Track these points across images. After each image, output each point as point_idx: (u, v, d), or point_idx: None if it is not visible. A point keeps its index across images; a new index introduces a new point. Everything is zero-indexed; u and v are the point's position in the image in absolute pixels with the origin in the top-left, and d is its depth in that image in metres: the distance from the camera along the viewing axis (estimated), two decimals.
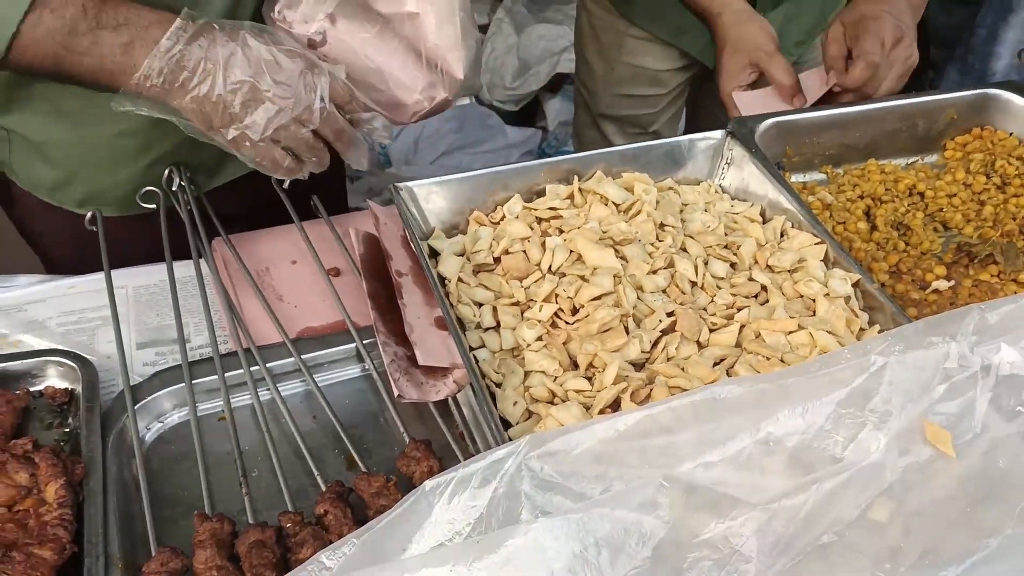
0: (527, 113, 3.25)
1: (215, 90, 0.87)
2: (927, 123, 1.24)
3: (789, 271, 0.94)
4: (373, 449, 0.90)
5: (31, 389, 0.90)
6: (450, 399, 0.91)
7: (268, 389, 0.92)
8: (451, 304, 0.92)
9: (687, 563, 0.65)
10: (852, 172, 1.20)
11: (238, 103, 0.88)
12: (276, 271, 1.06)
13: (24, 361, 0.90)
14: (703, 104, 1.71)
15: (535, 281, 0.93)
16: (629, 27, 1.46)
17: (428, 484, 0.70)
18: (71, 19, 0.84)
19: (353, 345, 0.97)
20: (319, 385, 0.92)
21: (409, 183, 1.00)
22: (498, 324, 0.91)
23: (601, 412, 0.79)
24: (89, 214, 1.07)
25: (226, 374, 0.91)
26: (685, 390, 0.79)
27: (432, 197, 1.02)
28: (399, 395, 0.88)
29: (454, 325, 0.85)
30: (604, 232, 0.96)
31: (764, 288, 0.92)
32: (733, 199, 1.08)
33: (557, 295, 0.89)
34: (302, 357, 0.94)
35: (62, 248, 1.12)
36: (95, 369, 0.89)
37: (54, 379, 0.90)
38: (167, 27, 0.86)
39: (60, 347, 0.94)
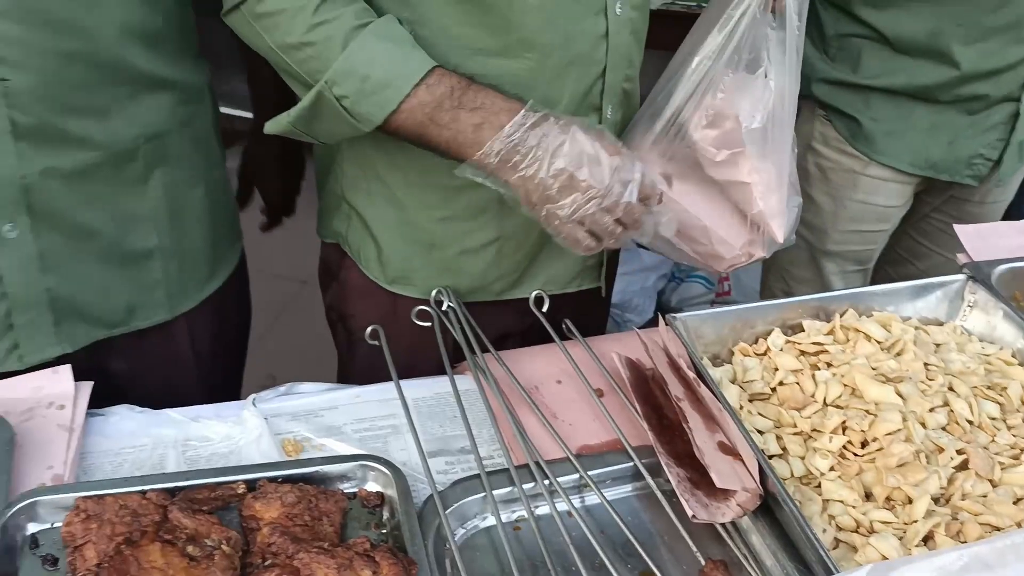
0: None
1: (539, 174, 1.00)
2: None
3: None
4: (662, 566, 0.94)
5: (345, 490, 0.97)
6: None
7: (554, 502, 0.98)
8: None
9: None
10: None
11: (555, 188, 1.00)
12: (545, 389, 1.13)
13: (341, 465, 0.97)
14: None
15: (815, 412, 0.98)
16: (867, 166, 1.53)
17: None
18: (440, 96, 0.99)
19: (629, 464, 1.03)
20: (609, 501, 0.98)
21: (682, 315, 1.08)
22: (783, 451, 0.96)
23: (916, 545, 0.82)
24: (370, 329, 1.16)
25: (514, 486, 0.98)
26: (995, 526, 0.83)
27: (700, 328, 1.09)
28: (693, 515, 0.93)
29: (758, 450, 0.91)
30: (874, 368, 1.02)
31: None
32: (980, 341, 1.13)
33: (846, 427, 0.94)
34: (589, 473, 1.00)
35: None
36: (405, 476, 0.97)
37: (368, 483, 0.97)
38: (513, 116, 1.00)
39: (362, 452, 1.02)
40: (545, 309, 1.20)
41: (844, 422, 0.95)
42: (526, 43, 1.06)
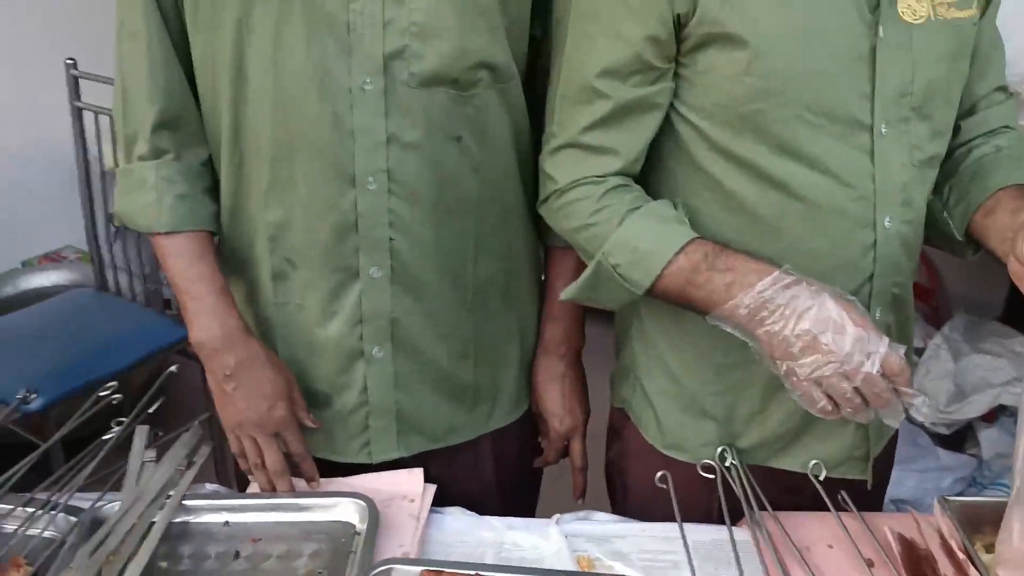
0: (956, 438, 3.22)
1: (784, 331, 1.08)
2: None
3: None
4: None
5: None
6: None
7: None
8: None
9: None
10: None
11: (798, 347, 1.08)
12: (816, 551, 1.22)
13: None
14: None
15: None
16: None
17: None
18: (696, 261, 1.14)
19: None
20: None
21: (958, 498, 1.15)
22: None
23: None
24: (660, 474, 1.33)
25: None
26: None
27: (975, 513, 1.14)
28: None
29: None
30: None
31: None
32: None
33: None
34: None
35: (644, 493, 1.36)
36: None
37: None
38: (763, 276, 1.11)
39: None
40: (822, 477, 1.30)
41: None
42: (793, 249, 1.18)
